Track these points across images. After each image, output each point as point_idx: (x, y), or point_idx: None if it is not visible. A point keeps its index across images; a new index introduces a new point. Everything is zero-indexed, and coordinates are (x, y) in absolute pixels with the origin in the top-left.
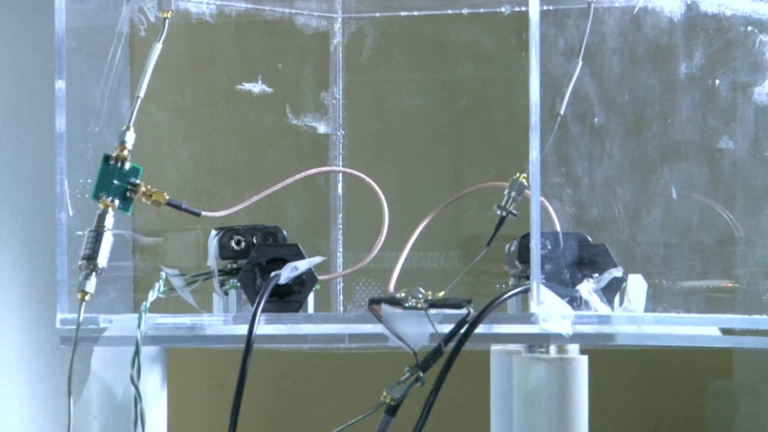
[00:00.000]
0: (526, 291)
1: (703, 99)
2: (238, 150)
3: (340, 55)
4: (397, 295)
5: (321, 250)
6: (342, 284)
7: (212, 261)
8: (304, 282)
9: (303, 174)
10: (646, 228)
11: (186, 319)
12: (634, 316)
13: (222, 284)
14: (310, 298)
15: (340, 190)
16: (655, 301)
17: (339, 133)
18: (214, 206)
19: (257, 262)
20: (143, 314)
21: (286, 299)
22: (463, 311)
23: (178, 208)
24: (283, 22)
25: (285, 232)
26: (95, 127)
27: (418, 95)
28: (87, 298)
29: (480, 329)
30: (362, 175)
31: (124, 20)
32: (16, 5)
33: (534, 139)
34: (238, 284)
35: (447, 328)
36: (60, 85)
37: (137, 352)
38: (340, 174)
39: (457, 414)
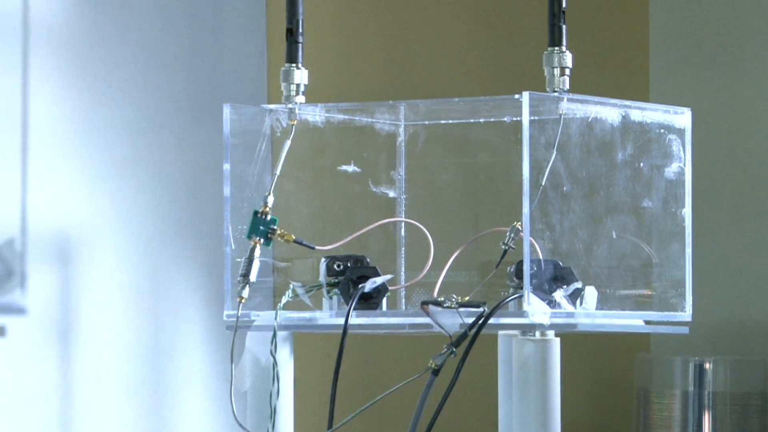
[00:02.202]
0: (521, 297)
1: (632, 175)
2: (339, 207)
3: (403, 147)
4: (439, 299)
5: (390, 270)
6: (404, 292)
7: (322, 278)
8: (380, 291)
9: (379, 222)
10: (595, 257)
11: (305, 314)
12: (589, 312)
13: (328, 292)
14: (384, 301)
15: (402, 233)
16: (602, 303)
17: (402, 197)
18: (323, 243)
19: (350, 278)
20: (278, 311)
21: (369, 302)
22: (481, 309)
23: (301, 244)
24: (367, 126)
25: (368, 259)
26: (248, 193)
27: (451, 173)
28: (243, 300)
29: (491, 321)
30: (416, 223)
31: (267, 125)
32: (200, 115)
33: (525, 200)
34: (339, 292)
35: (470, 320)
36: (226, 166)
37: (274, 335)
38: (403, 222)
39: (471, 383)
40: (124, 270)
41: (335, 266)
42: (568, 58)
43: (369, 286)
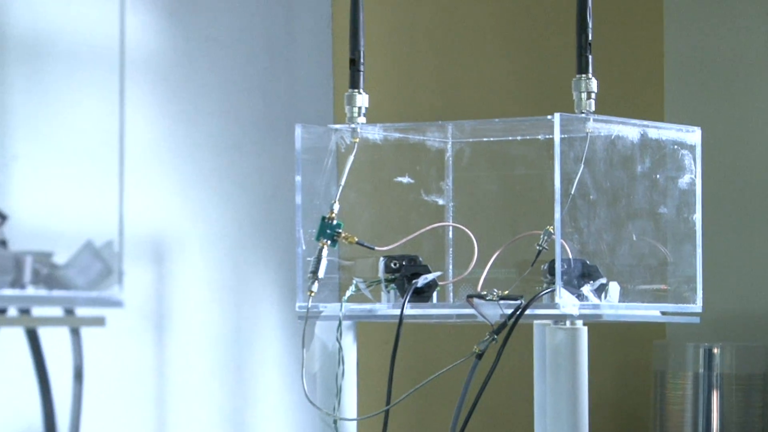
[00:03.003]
0: (553, 291)
1: (650, 185)
2: (395, 213)
3: (450, 161)
4: (482, 293)
5: (440, 268)
6: (452, 287)
7: (381, 274)
8: (431, 285)
9: (430, 226)
10: (618, 256)
11: (367, 306)
12: (612, 304)
13: (386, 287)
14: (434, 294)
15: (450, 235)
16: (624, 296)
17: (450, 204)
18: (382, 244)
19: (405, 275)
20: (343, 303)
21: (421, 295)
22: (518, 302)
23: (362, 245)
24: (419, 143)
25: (421, 258)
26: (317, 201)
27: (492, 184)
28: (312, 294)
29: (527, 312)
30: (462, 227)
31: (333, 143)
32: (275, 134)
33: (557, 207)
34: (395, 287)
35: (509, 311)
36: (298, 178)
37: (340, 324)
38: (451, 226)
39: (510, 366)
40: (209, 268)
41: (392, 264)
42: (594, 84)
43: (421, 281)
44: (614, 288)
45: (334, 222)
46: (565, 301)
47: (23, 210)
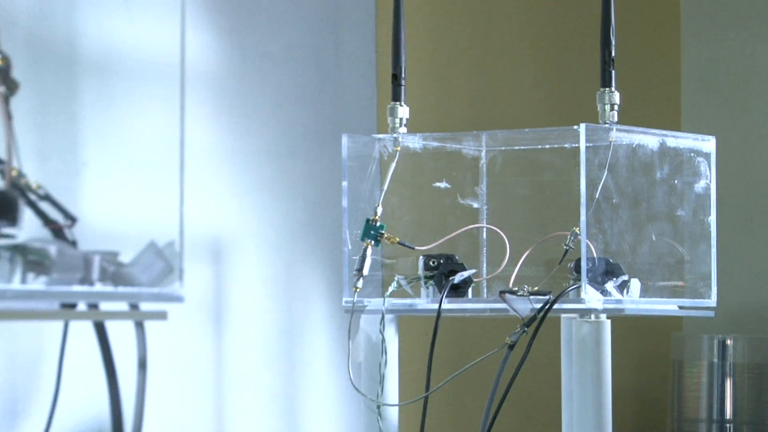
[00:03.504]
0: (579, 287)
1: (668, 190)
2: (433, 215)
3: (484, 168)
4: (513, 288)
5: (474, 266)
6: (485, 283)
7: (421, 272)
8: (466, 282)
9: (466, 228)
10: (639, 255)
11: (407, 301)
12: (633, 299)
13: (425, 283)
14: (470, 290)
15: (484, 236)
16: (644, 292)
17: (484, 207)
18: (421, 244)
19: (443, 272)
20: (386, 298)
21: (457, 291)
22: (547, 297)
23: (403, 245)
24: (456, 151)
25: (457, 257)
26: (362, 204)
27: (523, 188)
28: (357, 290)
29: (555, 306)
30: (495, 228)
31: (376, 151)
32: (324, 142)
33: (582, 210)
34: (433, 283)
35: (539, 305)
36: (344, 183)
37: (383, 318)
38: (484, 228)
39: (539, 356)
40: (263, 266)
41: (431, 263)
42: (616, 97)
43: (458, 278)
44: (635, 284)
45: (378, 224)
46: (590, 297)
47: (92, 213)
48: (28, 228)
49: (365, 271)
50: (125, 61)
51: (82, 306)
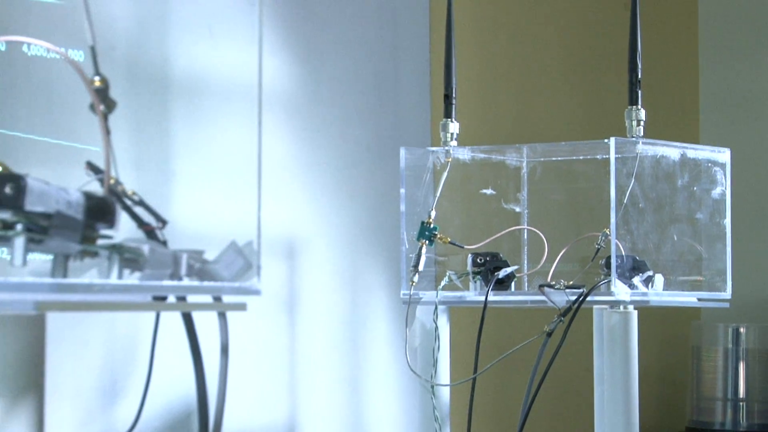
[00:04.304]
0: (609, 281)
1: (688, 195)
2: (480, 218)
3: (525, 177)
4: (551, 282)
5: (517, 262)
6: (527, 278)
7: (469, 268)
8: (510, 277)
9: (509, 229)
10: (662, 253)
11: (458, 293)
12: (657, 292)
13: (473, 278)
14: (512, 284)
15: (525, 236)
16: (667, 286)
17: (525, 211)
18: (470, 244)
19: (489, 268)
20: (438, 291)
21: (502, 285)
22: (581, 290)
23: (454, 244)
24: (500, 162)
25: (501, 255)
26: (417, 209)
27: (559, 195)
28: (414, 284)
29: (588, 298)
30: (535, 230)
31: (430, 162)
32: (384, 154)
33: (612, 213)
34: (480, 278)
35: (574, 297)
36: (402, 190)
37: (436, 308)
38: (525, 229)
39: (574, 343)
40: (331, 262)
41: (478, 260)
42: (642, 113)
43: (502, 273)
44: (659, 279)
45: (432, 225)
46: (619, 290)
47: (181, 216)
48: (125, 230)
49: (420, 267)
50: (211, 83)
51: (171, 298)
